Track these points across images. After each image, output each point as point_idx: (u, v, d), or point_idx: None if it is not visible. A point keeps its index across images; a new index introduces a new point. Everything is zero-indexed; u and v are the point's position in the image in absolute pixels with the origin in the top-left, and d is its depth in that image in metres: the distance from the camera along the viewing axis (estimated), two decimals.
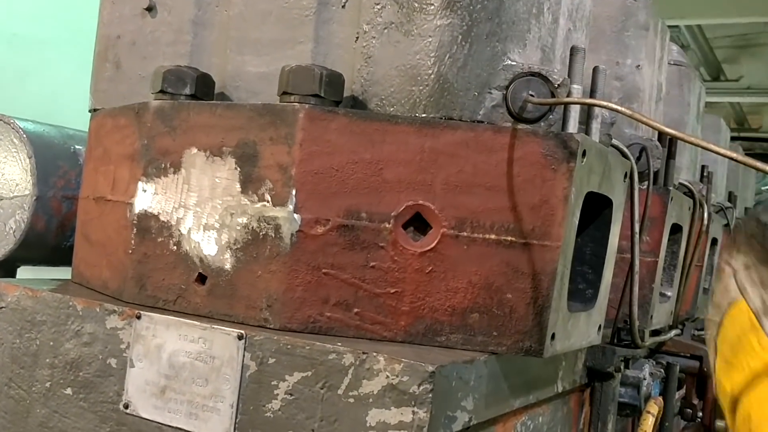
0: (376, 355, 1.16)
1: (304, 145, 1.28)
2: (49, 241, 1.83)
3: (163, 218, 1.40)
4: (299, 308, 1.29)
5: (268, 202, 1.30)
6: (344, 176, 1.29)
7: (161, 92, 1.44)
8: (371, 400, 1.15)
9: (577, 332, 1.43)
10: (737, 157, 1.20)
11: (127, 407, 1.33)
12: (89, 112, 1.71)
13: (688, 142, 1.13)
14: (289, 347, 1.21)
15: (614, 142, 1.62)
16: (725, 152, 1.22)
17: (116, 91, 1.66)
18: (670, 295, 2.16)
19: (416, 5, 1.33)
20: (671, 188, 2.03)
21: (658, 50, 2.21)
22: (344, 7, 1.40)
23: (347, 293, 1.29)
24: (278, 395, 1.21)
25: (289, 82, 1.31)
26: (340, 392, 1.17)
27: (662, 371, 2.09)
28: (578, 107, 1.43)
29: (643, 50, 2.05)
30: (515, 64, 1.36)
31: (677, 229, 2.17)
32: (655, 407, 1.80)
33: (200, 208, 1.36)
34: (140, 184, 1.43)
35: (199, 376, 1.28)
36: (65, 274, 1.71)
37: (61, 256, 1.84)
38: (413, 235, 1.31)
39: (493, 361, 1.29)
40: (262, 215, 1.30)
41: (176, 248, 1.38)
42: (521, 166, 1.30)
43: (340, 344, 1.19)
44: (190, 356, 1.29)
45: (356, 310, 1.29)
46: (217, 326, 1.28)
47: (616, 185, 1.50)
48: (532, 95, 1.33)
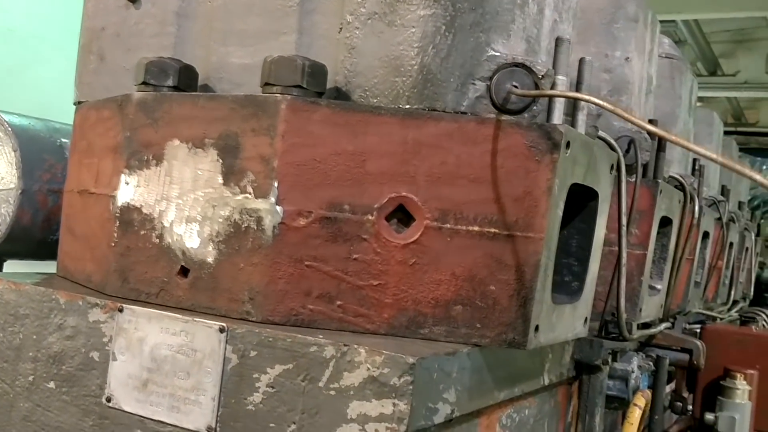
0: (357, 347, 1.15)
1: (286, 136, 1.27)
2: (35, 234, 1.82)
3: (145, 211, 1.39)
4: (281, 301, 1.28)
5: (250, 194, 1.29)
6: (327, 168, 1.28)
7: (144, 84, 1.44)
8: (352, 392, 1.14)
9: (562, 324, 1.42)
10: (715, 157, 1.20)
11: (109, 400, 1.33)
12: (74, 104, 1.70)
13: (665, 138, 1.13)
14: (270, 340, 1.21)
15: (601, 134, 1.62)
16: (704, 152, 1.21)
17: (101, 83, 1.65)
18: (660, 288, 2.15)
19: None
20: (660, 181, 2.02)
21: (648, 42, 2.20)
22: None
23: (330, 286, 1.28)
24: (260, 388, 1.20)
25: (271, 72, 1.30)
26: (321, 385, 1.16)
27: (651, 364, 2.09)
28: (563, 99, 1.42)
29: (632, 42, 2.04)
30: (499, 55, 1.35)
31: (667, 222, 2.17)
32: (642, 400, 1.79)
33: (182, 200, 1.35)
34: (123, 176, 1.42)
35: (180, 369, 1.27)
36: (54, 268, 1.70)
37: (47, 249, 1.83)
38: (396, 227, 1.30)
39: (476, 353, 1.28)
40: (244, 207, 1.29)
41: (159, 241, 1.37)
42: (505, 157, 1.29)
43: (321, 336, 1.18)
44: (171, 349, 1.28)
45: (339, 302, 1.29)
46: (198, 319, 1.27)
47: (601, 177, 1.50)
48: (515, 86, 1.32)
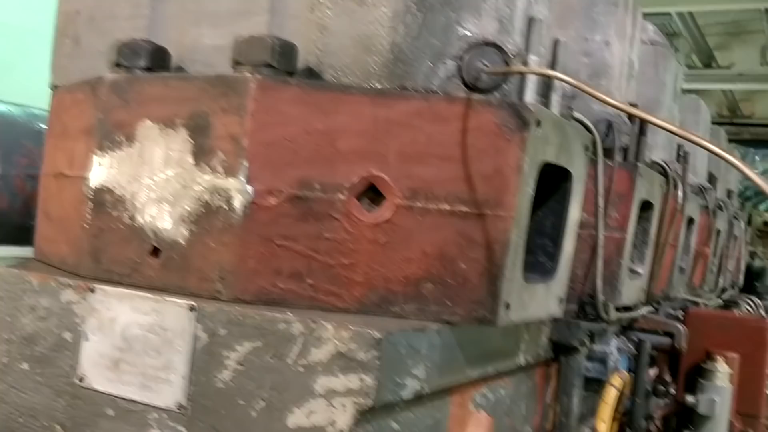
0: (324, 323, 1.15)
1: (256, 115, 1.27)
2: (13, 219, 1.82)
3: (118, 192, 1.39)
4: (252, 280, 1.28)
5: (220, 173, 1.29)
6: (297, 147, 1.28)
7: (117, 66, 1.44)
8: (320, 368, 1.15)
9: (535, 303, 1.43)
10: (688, 135, 1.20)
11: (81, 380, 1.33)
12: (50, 89, 1.70)
13: (634, 115, 1.13)
14: (239, 318, 1.21)
15: (576, 115, 1.62)
16: (678, 131, 1.21)
17: (76, 67, 1.64)
18: (641, 272, 2.15)
19: None
20: (640, 164, 2.02)
21: (629, 27, 2.19)
22: None
23: (300, 264, 1.29)
24: (229, 366, 1.21)
25: (241, 52, 1.30)
26: (289, 361, 1.17)
27: (633, 348, 2.09)
28: (536, 79, 1.42)
29: (612, 26, 2.04)
30: (470, 34, 1.35)
31: (649, 206, 2.17)
32: (619, 380, 1.80)
33: (154, 180, 1.35)
34: (95, 158, 1.42)
35: (151, 348, 1.27)
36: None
37: (26, 235, 1.83)
38: (367, 206, 1.30)
39: (447, 330, 1.28)
40: (214, 187, 1.29)
41: (131, 222, 1.37)
42: (475, 136, 1.29)
43: (289, 313, 1.19)
44: (142, 329, 1.28)
45: (310, 281, 1.29)
46: (169, 298, 1.27)
47: (575, 157, 1.50)
48: (486, 65, 1.32)
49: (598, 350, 1.80)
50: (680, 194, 2.46)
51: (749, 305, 3.51)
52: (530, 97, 1.39)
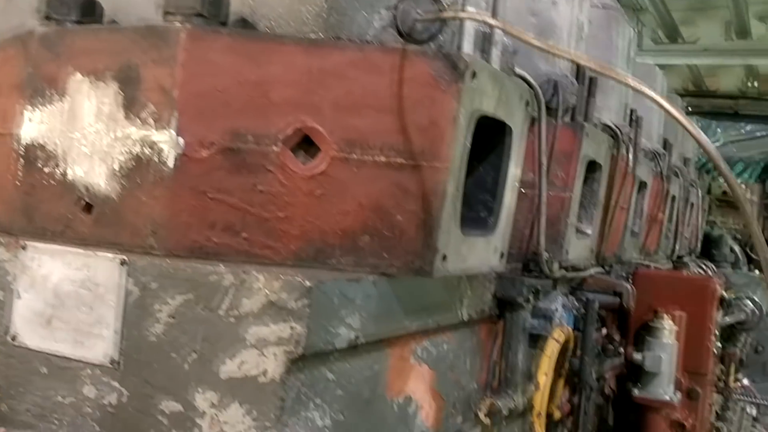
0: (255, 273, 1.14)
1: (186, 66, 1.25)
2: None
3: (49, 148, 1.36)
4: (185, 234, 1.26)
5: (150, 126, 1.27)
6: (229, 98, 1.26)
7: (47, 18, 1.40)
8: (251, 318, 1.14)
9: (474, 256, 1.43)
10: (637, 86, 1.20)
11: (14, 339, 1.31)
12: None
13: (561, 56, 1.13)
14: (171, 271, 1.20)
15: (518, 70, 1.62)
16: (622, 78, 1.22)
17: (9, 24, 1.60)
18: (589, 232, 2.18)
19: None
20: (586, 124, 2.03)
21: None
22: None
23: (234, 218, 1.27)
24: (161, 319, 1.20)
25: (171, 1, 1.28)
26: (221, 312, 1.16)
27: (582, 307, 2.12)
28: (474, 32, 1.42)
29: None
30: None
31: (597, 167, 2.18)
32: (561, 334, 1.82)
33: (84, 135, 1.33)
34: (26, 113, 1.39)
35: (83, 303, 1.25)
36: None
37: None
38: (302, 158, 1.29)
39: (383, 281, 1.28)
40: (145, 140, 1.27)
41: (62, 177, 1.35)
42: (410, 86, 1.28)
43: (221, 265, 1.18)
44: (74, 284, 1.26)
45: (244, 234, 1.28)
46: (100, 253, 1.25)
47: (514, 111, 1.50)
48: (420, 14, 1.31)
49: (542, 307, 1.81)
50: (630, 157, 2.48)
51: (700, 268, 3.57)
52: (468, 49, 1.38)
